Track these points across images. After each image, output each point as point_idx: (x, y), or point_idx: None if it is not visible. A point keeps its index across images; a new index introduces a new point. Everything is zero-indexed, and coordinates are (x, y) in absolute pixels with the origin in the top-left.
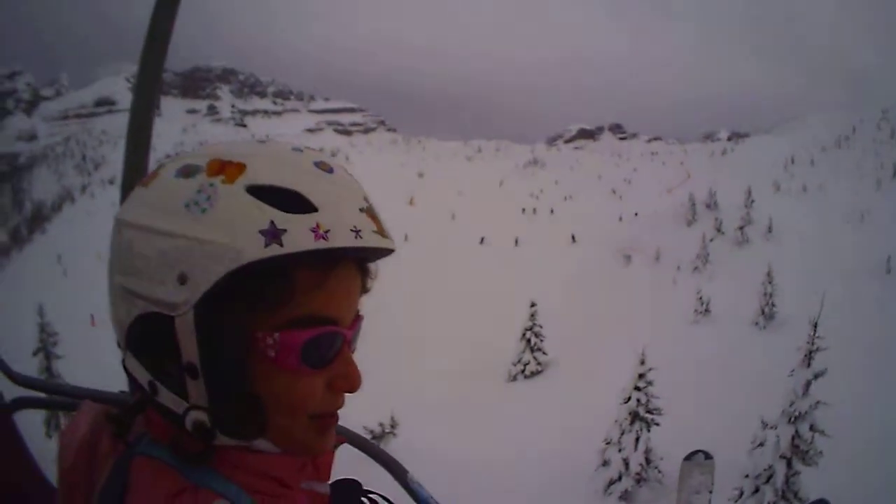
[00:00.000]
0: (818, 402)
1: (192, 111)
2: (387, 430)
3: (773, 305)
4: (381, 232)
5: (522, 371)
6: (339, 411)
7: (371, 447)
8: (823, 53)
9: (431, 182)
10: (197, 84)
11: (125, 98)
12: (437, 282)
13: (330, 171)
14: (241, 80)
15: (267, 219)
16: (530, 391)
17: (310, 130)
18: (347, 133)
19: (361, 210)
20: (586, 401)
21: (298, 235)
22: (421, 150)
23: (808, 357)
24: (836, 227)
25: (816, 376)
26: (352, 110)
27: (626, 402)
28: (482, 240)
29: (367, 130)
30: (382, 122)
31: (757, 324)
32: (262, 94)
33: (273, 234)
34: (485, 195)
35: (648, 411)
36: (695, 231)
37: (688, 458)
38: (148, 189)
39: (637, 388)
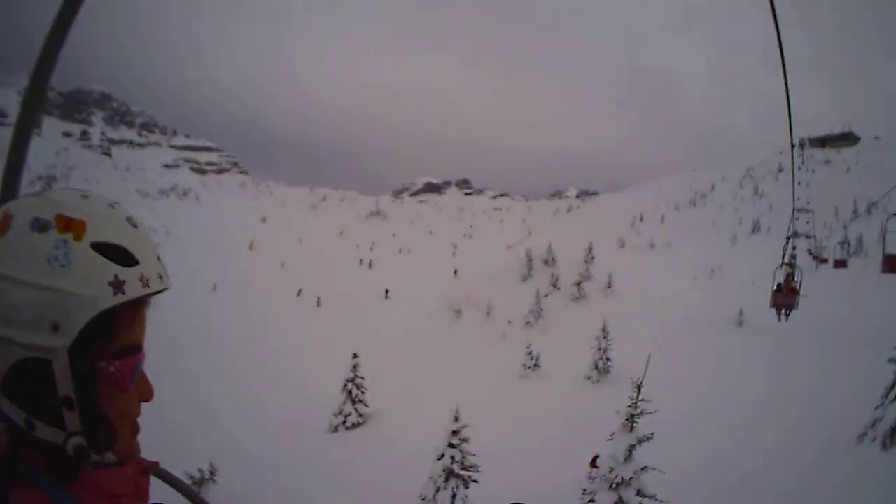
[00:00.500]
0: (644, 468)
1: (67, 134)
2: (206, 477)
3: (607, 360)
4: (167, 275)
5: (343, 422)
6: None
7: (188, 490)
8: (696, 114)
9: (274, 228)
10: (76, 106)
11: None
12: (260, 331)
13: (136, 226)
14: (114, 107)
15: (112, 272)
16: (350, 443)
17: (167, 166)
18: (202, 172)
19: (158, 258)
20: (404, 455)
21: (133, 285)
22: (269, 195)
23: (631, 421)
24: (683, 283)
25: (641, 441)
26: (209, 149)
27: (440, 459)
28: (299, 292)
29: (220, 171)
30: (236, 164)
31: (589, 378)
32: (131, 124)
33: (118, 285)
34: (323, 244)
35: (464, 468)
36: (530, 286)
37: None
38: (5, 240)
39: (451, 445)
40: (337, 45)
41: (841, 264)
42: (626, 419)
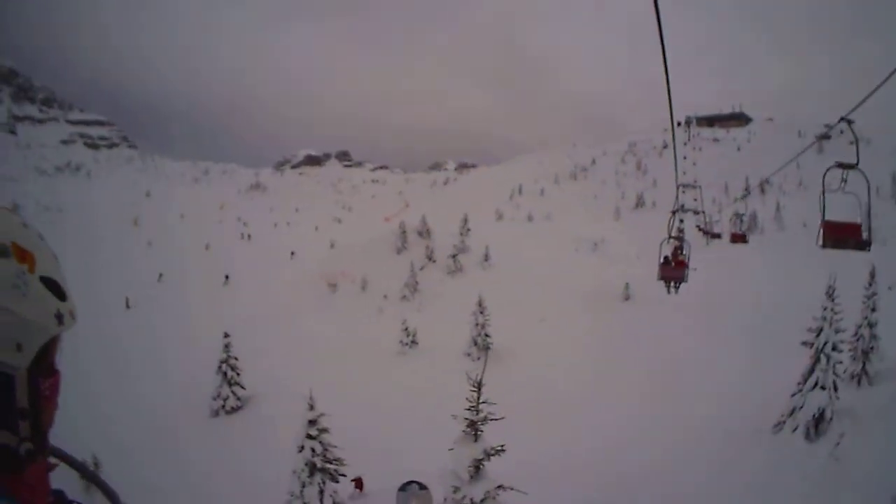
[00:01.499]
0: (500, 487)
1: None
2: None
3: (486, 336)
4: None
5: (223, 406)
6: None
7: (87, 471)
8: (581, 92)
9: (158, 203)
10: None
11: None
12: (142, 314)
13: (55, 257)
14: (20, 82)
15: (55, 305)
16: (229, 428)
17: (64, 142)
18: (96, 147)
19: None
20: (283, 439)
21: (68, 318)
22: (154, 170)
23: (474, 429)
24: (565, 256)
25: (489, 454)
26: (101, 123)
27: (300, 451)
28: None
29: (111, 145)
30: (125, 138)
31: (469, 354)
32: (33, 100)
33: (59, 317)
34: (205, 219)
35: (328, 461)
36: (406, 259)
37: (402, 488)
38: None
39: (310, 437)
40: (227, 13)
41: (740, 238)
42: (468, 426)
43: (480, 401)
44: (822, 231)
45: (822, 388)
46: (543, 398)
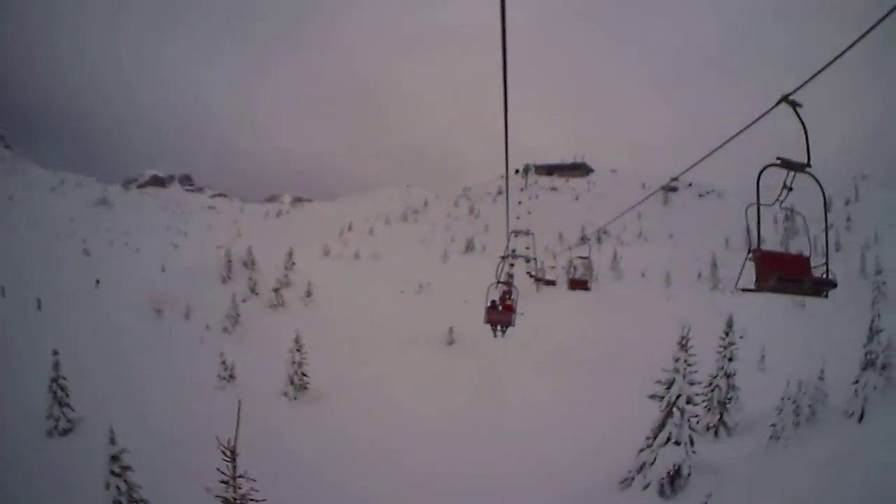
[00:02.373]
0: None
1: None
2: None
3: (303, 375)
4: None
5: (56, 427)
6: None
7: None
8: (423, 133)
9: (17, 213)
10: None
11: None
12: None
13: None
14: None
15: None
16: (64, 450)
17: None
18: None
19: None
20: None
21: None
22: (22, 173)
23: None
24: (389, 297)
25: None
26: None
27: (107, 489)
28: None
29: None
30: (2, 137)
31: (286, 394)
32: None
33: None
34: (53, 232)
35: (133, 501)
36: (230, 290)
37: None
38: None
39: (114, 474)
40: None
41: (580, 285)
42: None
43: (237, 474)
44: (758, 265)
45: (677, 443)
46: (356, 448)
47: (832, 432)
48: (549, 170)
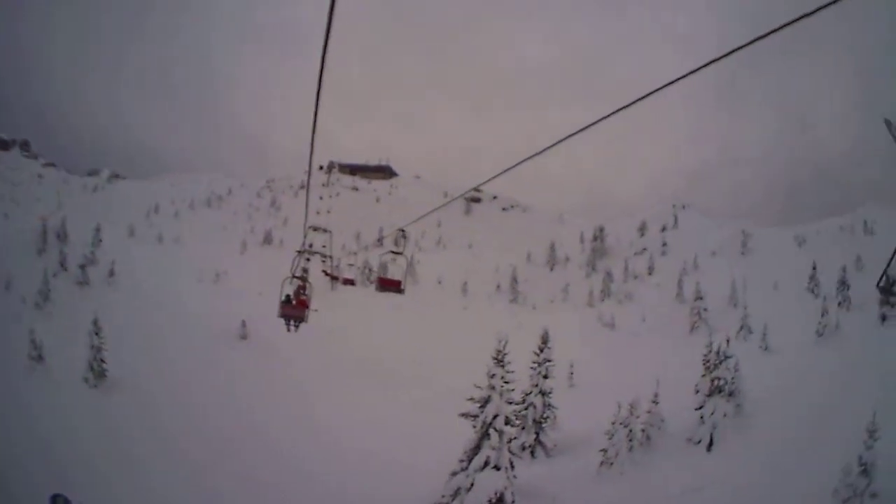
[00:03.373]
0: None
1: None
2: None
3: (102, 361)
4: None
5: None
6: None
7: None
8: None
9: None
10: None
11: None
12: None
13: None
14: None
15: None
16: None
17: None
18: None
19: None
20: None
21: None
22: None
23: None
24: (187, 285)
25: None
26: None
27: None
28: None
29: None
30: None
31: (87, 380)
32: None
33: None
34: None
35: None
36: (43, 263)
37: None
38: None
39: None
40: None
41: (392, 285)
42: None
43: None
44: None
45: (496, 467)
46: (144, 437)
47: (676, 460)
48: (353, 170)
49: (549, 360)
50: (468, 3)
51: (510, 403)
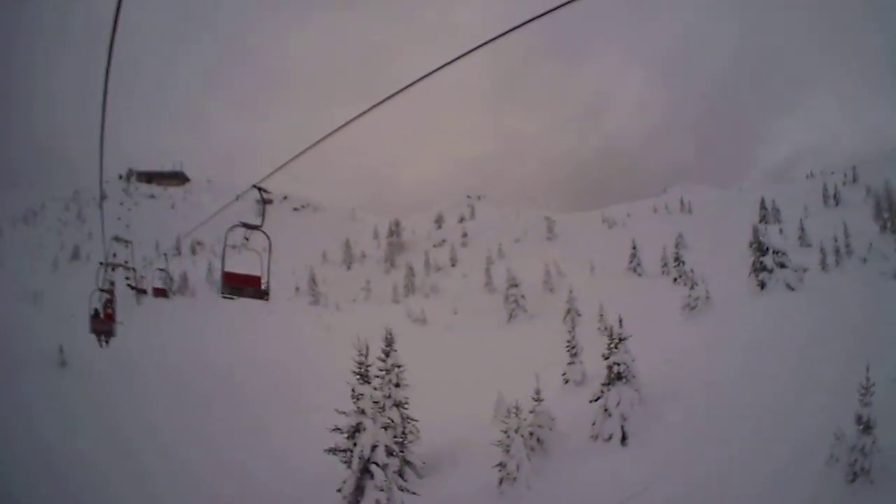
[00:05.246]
0: None
1: None
2: None
3: None
4: None
5: None
6: None
7: None
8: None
9: None
10: None
11: None
12: None
13: None
14: None
15: None
16: None
17: None
18: None
19: None
20: None
21: None
22: None
23: None
24: (7, 306)
25: None
26: None
27: None
28: None
29: None
30: None
31: None
32: None
33: None
34: None
35: None
36: None
37: None
38: None
39: None
40: None
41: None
42: None
43: None
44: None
45: None
46: None
47: (591, 463)
48: (149, 177)
49: (399, 366)
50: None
51: (385, 428)
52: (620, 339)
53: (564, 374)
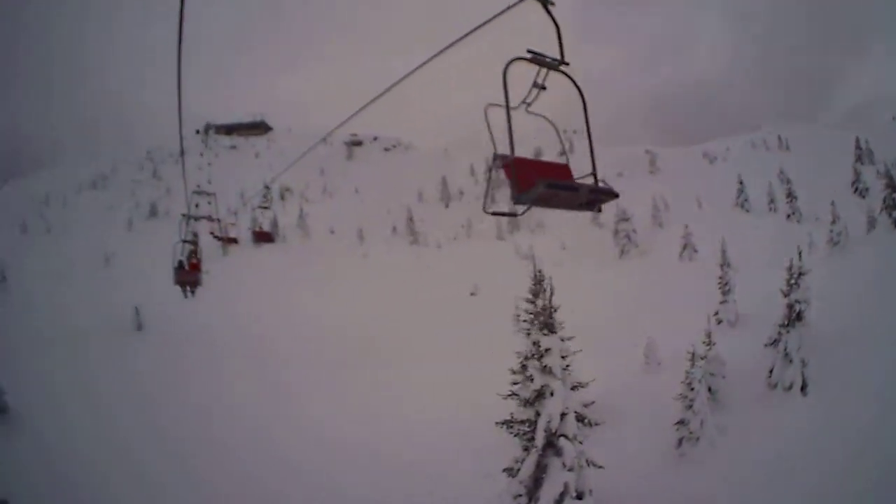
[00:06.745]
0: None
1: None
2: None
3: None
4: None
5: None
6: None
7: None
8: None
9: None
10: None
11: None
12: None
13: None
14: None
15: None
16: None
17: None
18: None
19: None
20: None
21: None
22: None
23: None
24: (73, 272)
25: None
26: None
27: None
28: None
29: None
30: None
31: None
32: None
33: None
34: None
35: None
36: None
37: None
38: None
39: None
40: None
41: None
42: None
43: None
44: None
45: (579, 496)
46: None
47: (773, 411)
48: (229, 129)
49: (554, 308)
50: None
51: (574, 389)
52: (800, 274)
53: (717, 313)
